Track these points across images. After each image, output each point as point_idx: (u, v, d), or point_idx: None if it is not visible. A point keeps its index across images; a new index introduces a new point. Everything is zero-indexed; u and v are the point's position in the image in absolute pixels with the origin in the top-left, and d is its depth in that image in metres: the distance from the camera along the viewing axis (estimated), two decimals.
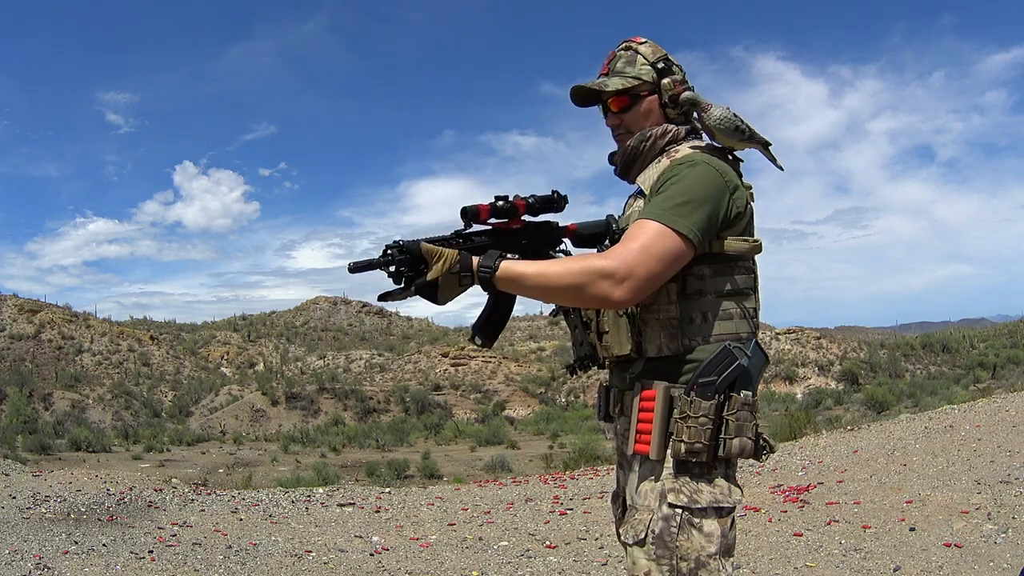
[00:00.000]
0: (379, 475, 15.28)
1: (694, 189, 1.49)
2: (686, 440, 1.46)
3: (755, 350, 1.55)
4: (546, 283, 1.47)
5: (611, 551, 4.89)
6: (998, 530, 4.42)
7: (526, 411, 38.73)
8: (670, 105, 1.65)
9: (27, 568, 4.19)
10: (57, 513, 6.05)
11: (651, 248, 1.44)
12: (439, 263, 1.48)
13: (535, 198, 1.70)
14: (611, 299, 1.44)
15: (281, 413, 38.06)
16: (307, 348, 58.58)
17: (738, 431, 1.47)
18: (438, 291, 1.50)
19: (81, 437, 23.99)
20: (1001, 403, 9.36)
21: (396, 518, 6.47)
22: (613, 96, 1.67)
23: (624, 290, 1.43)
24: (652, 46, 1.68)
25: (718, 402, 1.47)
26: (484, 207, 1.64)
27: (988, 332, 48.10)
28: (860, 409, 22.28)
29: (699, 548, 1.46)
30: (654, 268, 1.44)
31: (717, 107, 1.59)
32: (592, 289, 1.44)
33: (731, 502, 1.49)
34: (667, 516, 1.48)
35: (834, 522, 5.02)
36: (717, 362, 1.49)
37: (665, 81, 1.65)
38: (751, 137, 1.61)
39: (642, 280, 1.43)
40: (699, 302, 1.53)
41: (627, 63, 1.67)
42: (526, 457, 19.38)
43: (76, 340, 49.79)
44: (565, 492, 7.30)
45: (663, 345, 1.53)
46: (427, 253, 1.48)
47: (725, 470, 1.52)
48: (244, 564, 4.64)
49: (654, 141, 1.64)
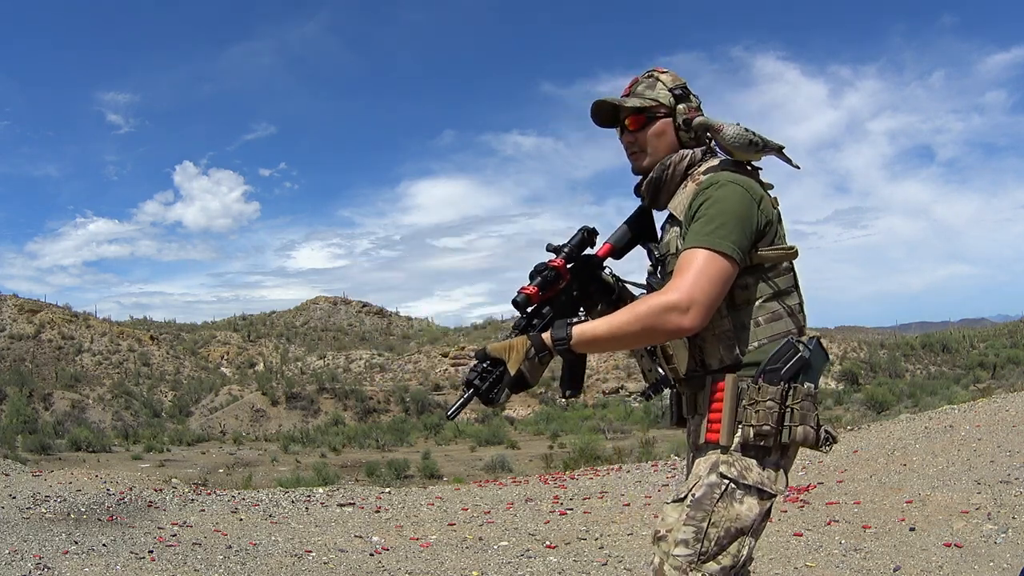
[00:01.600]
0: (379, 475, 15.30)
1: (727, 210, 1.59)
2: (755, 424, 1.55)
3: (816, 347, 1.64)
4: (621, 335, 1.58)
5: (611, 551, 4.89)
6: (998, 530, 4.42)
7: (526, 411, 38.72)
8: (683, 128, 1.75)
9: (27, 568, 4.19)
10: (57, 513, 6.05)
11: (704, 273, 1.54)
12: (514, 356, 1.61)
13: (569, 247, 1.79)
14: (683, 328, 1.54)
15: (281, 413, 38.06)
16: (307, 348, 58.57)
17: (802, 419, 1.56)
18: (526, 378, 1.63)
19: (81, 437, 24.02)
20: (1001, 403, 9.36)
21: (396, 518, 6.47)
22: (631, 114, 1.76)
23: (691, 317, 1.53)
24: (672, 75, 1.79)
25: (783, 389, 1.56)
26: (532, 291, 1.73)
27: (988, 332, 48.08)
28: (860, 409, 22.31)
29: (734, 519, 1.54)
30: (711, 291, 1.54)
31: (728, 125, 1.67)
32: (664, 325, 1.54)
33: (775, 489, 1.58)
34: (713, 483, 1.56)
35: (834, 522, 5.02)
36: (781, 353, 1.59)
37: (680, 106, 1.75)
38: (765, 147, 1.70)
39: (704, 305, 1.54)
40: (748, 310, 1.63)
41: (647, 87, 1.78)
42: (526, 457, 19.39)
43: (76, 340, 49.80)
44: (565, 492, 7.30)
45: (723, 356, 1.63)
46: (497, 352, 1.62)
47: (779, 459, 1.59)
48: (244, 564, 4.64)
49: (674, 168, 1.73)
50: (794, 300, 1.68)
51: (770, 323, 1.63)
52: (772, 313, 1.63)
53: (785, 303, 1.65)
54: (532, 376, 1.63)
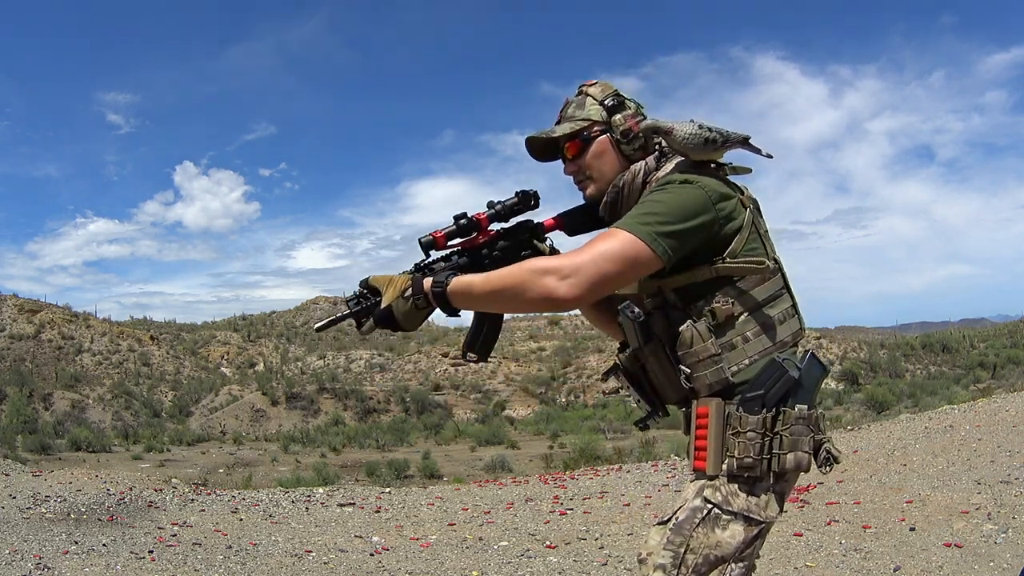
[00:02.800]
0: (379, 475, 15.28)
1: (668, 202, 1.46)
2: (736, 455, 1.46)
3: (809, 361, 1.53)
4: (492, 288, 1.47)
5: (611, 551, 4.89)
6: (998, 530, 4.42)
7: (526, 411, 38.71)
8: (624, 142, 1.61)
9: (27, 568, 4.19)
10: (57, 513, 6.05)
11: (605, 249, 1.42)
12: (390, 289, 1.52)
13: (501, 205, 1.68)
14: (555, 295, 1.41)
15: (281, 413, 38.04)
16: (307, 348, 58.54)
17: (793, 445, 1.46)
18: (397, 319, 1.53)
19: (81, 437, 23.99)
20: (1001, 403, 9.36)
21: (396, 518, 6.47)
22: (566, 141, 1.64)
23: (568, 286, 1.40)
24: (602, 85, 1.67)
25: (768, 416, 1.46)
26: (439, 233, 1.62)
27: (988, 332, 48.07)
28: (860, 409, 22.29)
29: (713, 546, 1.45)
30: (605, 268, 1.41)
31: (680, 125, 1.54)
32: (536, 286, 1.41)
33: (763, 516, 1.48)
34: (696, 508, 1.48)
35: (834, 522, 5.02)
36: (766, 376, 1.48)
37: (616, 117, 1.62)
38: (726, 142, 1.55)
39: (589, 280, 1.40)
40: (732, 325, 1.51)
41: (577, 107, 1.66)
42: (526, 457, 19.37)
43: (76, 340, 49.78)
44: (565, 492, 7.30)
45: (712, 383, 1.50)
46: (376, 283, 1.54)
47: (775, 484, 1.50)
48: (244, 564, 4.64)
49: (628, 187, 1.61)
50: (784, 305, 1.55)
51: (759, 336, 1.51)
52: (760, 325, 1.51)
53: (773, 311, 1.53)
54: (404, 318, 1.52)
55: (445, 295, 1.50)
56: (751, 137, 1.59)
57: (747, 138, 1.59)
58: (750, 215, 1.54)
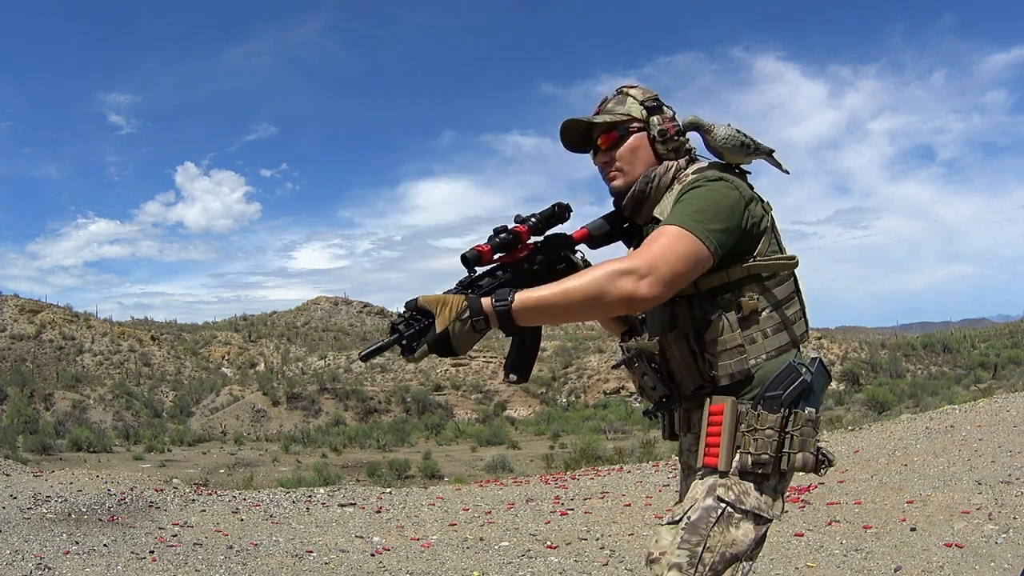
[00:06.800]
0: (380, 475, 15.28)
1: (710, 199, 1.52)
2: (753, 452, 1.50)
3: (819, 368, 1.59)
4: (570, 299, 1.43)
5: (612, 551, 4.89)
6: (999, 530, 4.42)
7: (527, 411, 38.72)
8: (660, 140, 1.66)
9: (28, 568, 4.20)
10: (58, 513, 6.06)
11: (672, 247, 1.45)
12: (444, 311, 1.43)
13: (536, 217, 1.67)
14: (636, 295, 1.42)
15: (282, 413, 38.07)
16: (308, 348, 58.58)
17: (802, 446, 1.51)
18: (452, 342, 1.43)
19: (82, 437, 24.02)
20: (1002, 403, 9.35)
21: (397, 518, 6.47)
22: (603, 132, 1.68)
23: (648, 284, 1.42)
24: (643, 89, 1.71)
25: (783, 416, 1.51)
26: (485, 248, 1.57)
27: (989, 332, 48.12)
28: (861, 409, 22.28)
29: (729, 544, 1.49)
30: (676, 266, 1.44)
31: (720, 126, 1.62)
32: (616, 289, 1.41)
33: (771, 514, 1.53)
34: (710, 507, 1.51)
35: (835, 522, 5.02)
36: (783, 377, 1.54)
37: (654, 118, 1.66)
38: (756, 150, 1.64)
39: (665, 277, 1.43)
40: (757, 322, 1.57)
41: (617, 103, 1.70)
42: (527, 457, 19.38)
43: (77, 340, 49.83)
44: (566, 492, 7.30)
45: (735, 372, 1.54)
46: (427, 304, 1.43)
47: (778, 483, 1.55)
48: (245, 564, 4.64)
49: (659, 180, 1.65)
50: (795, 307, 1.62)
51: (777, 333, 1.58)
52: (776, 324, 1.58)
53: (786, 312, 1.60)
54: (459, 342, 1.43)
55: (510, 313, 1.44)
56: (775, 151, 1.68)
57: (772, 151, 1.68)
58: (771, 218, 1.63)
